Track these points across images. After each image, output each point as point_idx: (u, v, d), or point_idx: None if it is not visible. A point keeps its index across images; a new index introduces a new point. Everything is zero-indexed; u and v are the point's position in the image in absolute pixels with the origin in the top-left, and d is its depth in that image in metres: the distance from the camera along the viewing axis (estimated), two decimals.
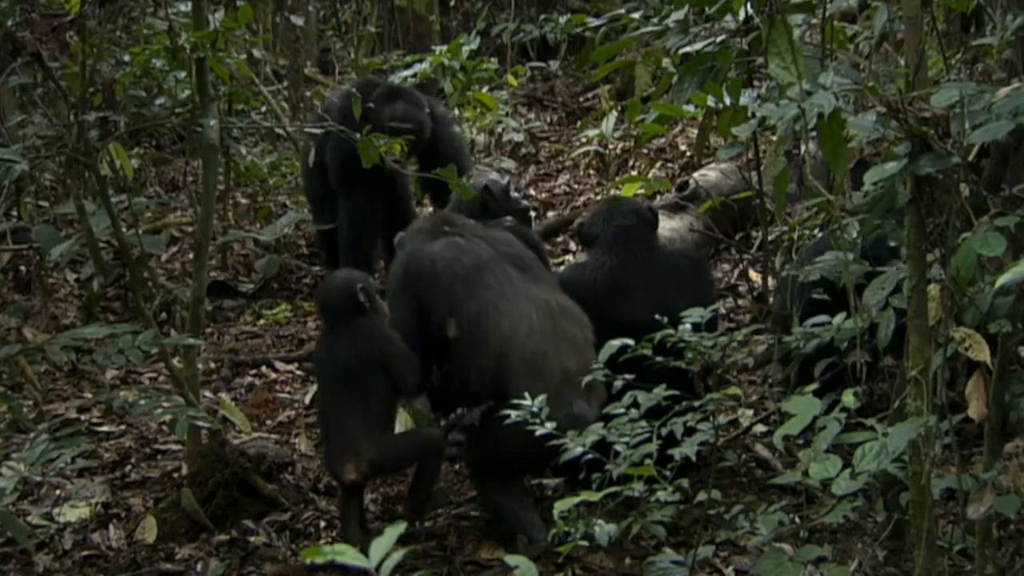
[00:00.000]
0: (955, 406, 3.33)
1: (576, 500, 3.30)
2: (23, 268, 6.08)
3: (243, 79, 4.84)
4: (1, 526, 3.91)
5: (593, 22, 8.93)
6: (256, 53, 6.47)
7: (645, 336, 3.52)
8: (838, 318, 3.82)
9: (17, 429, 4.22)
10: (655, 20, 4.72)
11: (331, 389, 4.13)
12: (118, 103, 4.74)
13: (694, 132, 7.81)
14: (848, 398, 3.14)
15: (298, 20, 6.98)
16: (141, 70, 4.58)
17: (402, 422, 4.62)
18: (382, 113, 5.82)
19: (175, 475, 4.54)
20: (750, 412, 4.73)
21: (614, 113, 8.09)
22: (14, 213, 6.00)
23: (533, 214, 5.66)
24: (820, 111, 2.97)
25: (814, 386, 3.29)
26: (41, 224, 5.00)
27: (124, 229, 4.32)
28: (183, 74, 5.13)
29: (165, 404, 3.79)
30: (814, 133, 3.11)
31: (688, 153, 7.76)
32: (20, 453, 3.59)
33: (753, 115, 4.10)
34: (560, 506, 3.35)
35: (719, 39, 4.47)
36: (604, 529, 3.28)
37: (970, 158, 3.17)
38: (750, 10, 4.32)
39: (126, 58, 5.43)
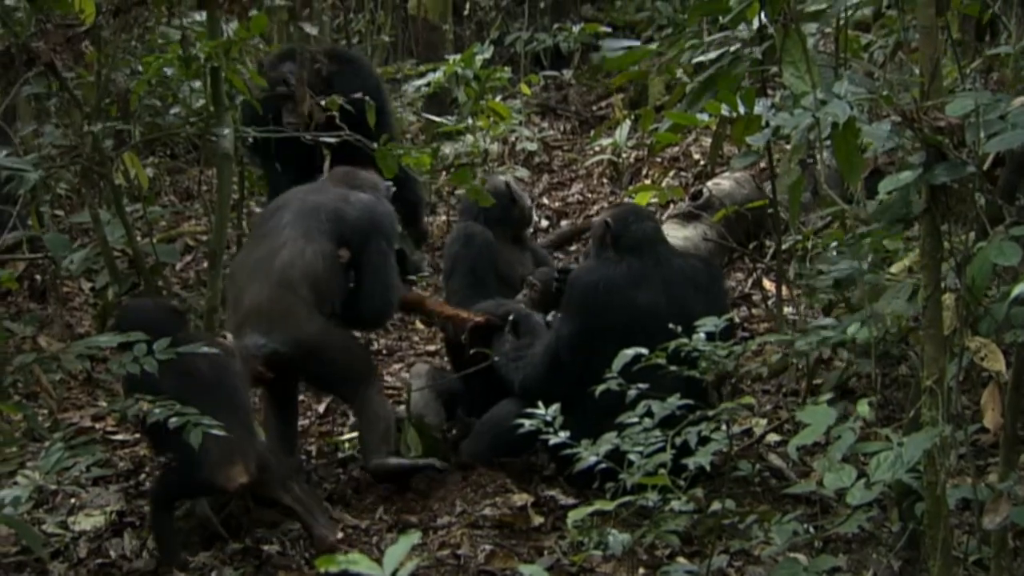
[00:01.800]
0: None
1: (590, 509, 3.30)
2: (38, 277, 6.10)
3: (257, 88, 4.84)
4: (16, 534, 3.91)
5: (606, 30, 8.93)
6: None
7: (661, 343, 3.55)
8: (852, 327, 3.81)
9: (32, 438, 4.23)
10: (670, 32, 4.71)
11: (200, 399, 3.78)
12: (132, 112, 4.75)
13: (707, 141, 7.80)
14: (862, 407, 3.14)
15: (312, 29, 6.98)
16: (155, 79, 4.60)
17: (410, 439, 4.63)
18: (272, 78, 5.59)
19: None
20: (764, 421, 4.72)
21: (627, 122, 8.09)
22: (30, 222, 6.02)
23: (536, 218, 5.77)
24: (835, 120, 2.97)
25: (828, 395, 3.29)
26: (53, 232, 5.02)
27: (139, 238, 4.33)
28: (197, 83, 5.14)
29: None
30: (828, 142, 3.10)
31: (701, 162, 7.75)
32: (35, 462, 3.60)
33: (767, 124, 4.10)
34: (574, 515, 3.35)
35: (733, 48, 4.47)
36: (618, 538, 3.28)
37: (985, 167, 3.16)
38: (764, 19, 4.31)
39: (140, 68, 5.45)
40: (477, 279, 4.97)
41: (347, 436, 4.97)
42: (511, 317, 4.72)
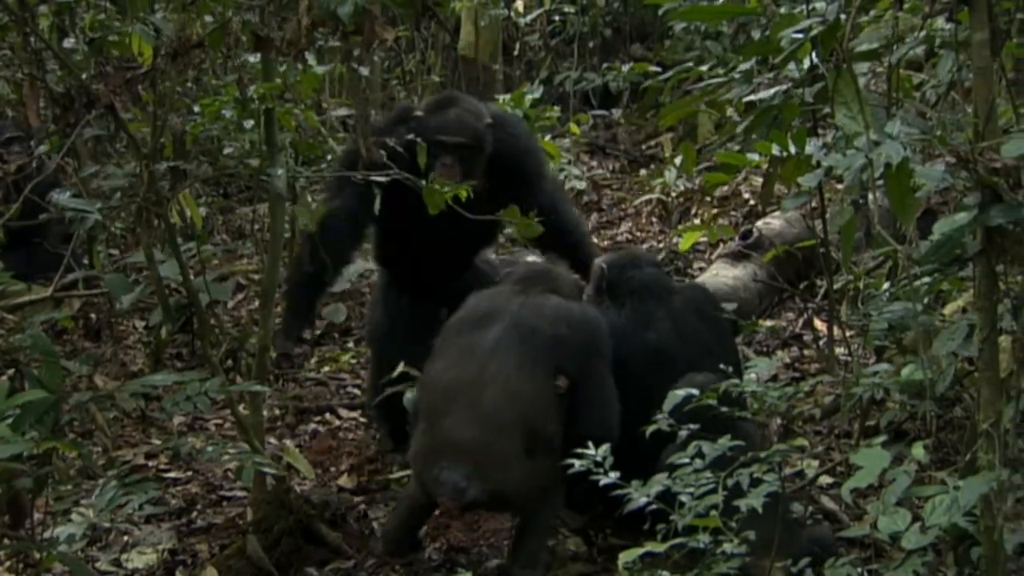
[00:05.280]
0: None
1: (641, 551, 3.29)
2: (93, 316, 6.17)
3: (310, 129, 4.89)
4: (70, 572, 3.94)
5: (655, 70, 8.95)
6: (324, 104, 6.55)
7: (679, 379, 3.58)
8: (906, 369, 3.78)
9: (87, 475, 4.27)
10: (721, 71, 4.71)
11: None
12: (188, 153, 4.81)
13: (757, 180, 7.78)
14: (917, 450, 3.11)
15: (364, 71, 7.05)
16: (210, 121, 4.66)
17: None
18: (428, 123, 4.88)
19: (240, 521, 4.57)
20: (816, 463, 4.68)
21: (677, 161, 8.10)
22: (85, 261, 6.09)
23: None
24: (888, 161, 2.96)
25: (882, 438, 3.26)
26: (112, 272, 5.08)
27: (191, 276, 4.37)
28: (251, 123, 5.19)
29: (231, 451, 3.82)
30: (881, 182, 3.09)
31: (751, 201, 7.74)
32: (89, 499, 3.63)
33: (818, 164, 4.09)
34: (625, 557, 3.34)
35: (784, 88, 4.46)
36: None
37: None
38: (815, 59, 4.30)
39: (196, 108, 5.51)
40: None
41: (397, 475, 4.98)
42: None
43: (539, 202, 4.85)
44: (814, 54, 4.24)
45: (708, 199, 7.91)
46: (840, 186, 4.98)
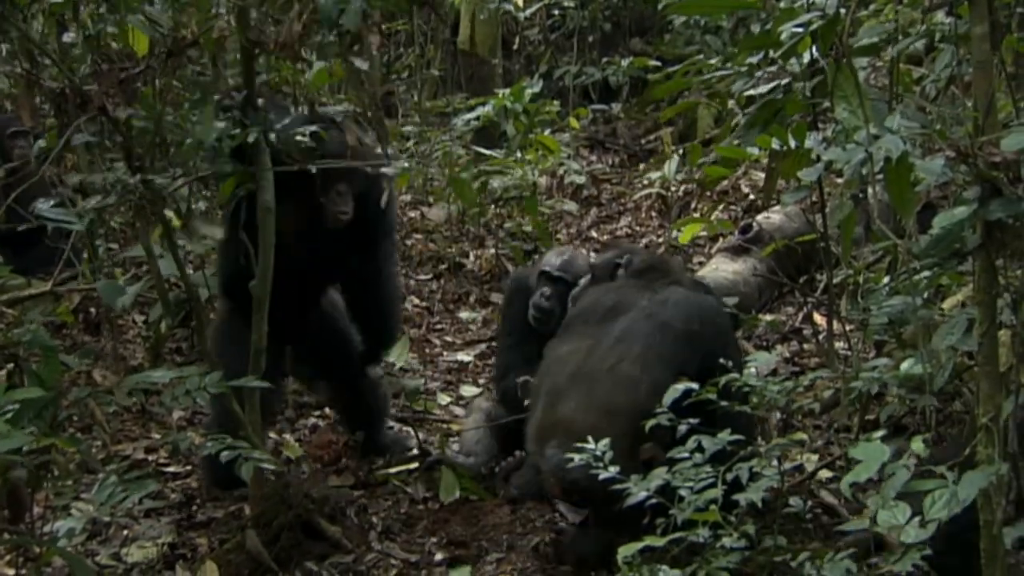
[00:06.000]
0: None
1: (640, 545, 3.29)
2: (92, 310, 6.17)
3: None
4: (69, 566, 3.95)
5: (655, 64, 8.95)
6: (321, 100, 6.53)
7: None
8: (905, 363, 3.79)
9: (86, 470, 4.27)
10: (729, 65, 4.70)
11: None
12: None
13: (757, 175, 7.79)
14: (917, 444, 3.11)
15: (363, 65, 7.04)
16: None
17: (444, 483, 4.65)
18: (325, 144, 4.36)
19: (239, 516, 4.57)
20: (816, 457, 4.68)
21: (676, 155, 8.10)
22: (85, 255, 6.09)
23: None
24: (888, 155, 2.96)
25: (882, 432, 3.26)
26: (105, 280, 5.05)
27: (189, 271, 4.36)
28: None
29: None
30: (880, 177, 3.09)
31: (751, 196, 7.74)
32: (89, 494, 3.63)
33: (818, 158, 4.09)
34: (624, 551, 3.34)
35: (784, 82, 4.46)
36: (668, 575, 3.26)
37: None
38: (815, 53, 4.30)
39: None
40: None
41: (396, 469, 4.98)
42: None
43: (374, 261, 4.77)
44: (814, 48, 4.23)
45: (708, 193, 7.91)
46: (840, 180, 4.97)
